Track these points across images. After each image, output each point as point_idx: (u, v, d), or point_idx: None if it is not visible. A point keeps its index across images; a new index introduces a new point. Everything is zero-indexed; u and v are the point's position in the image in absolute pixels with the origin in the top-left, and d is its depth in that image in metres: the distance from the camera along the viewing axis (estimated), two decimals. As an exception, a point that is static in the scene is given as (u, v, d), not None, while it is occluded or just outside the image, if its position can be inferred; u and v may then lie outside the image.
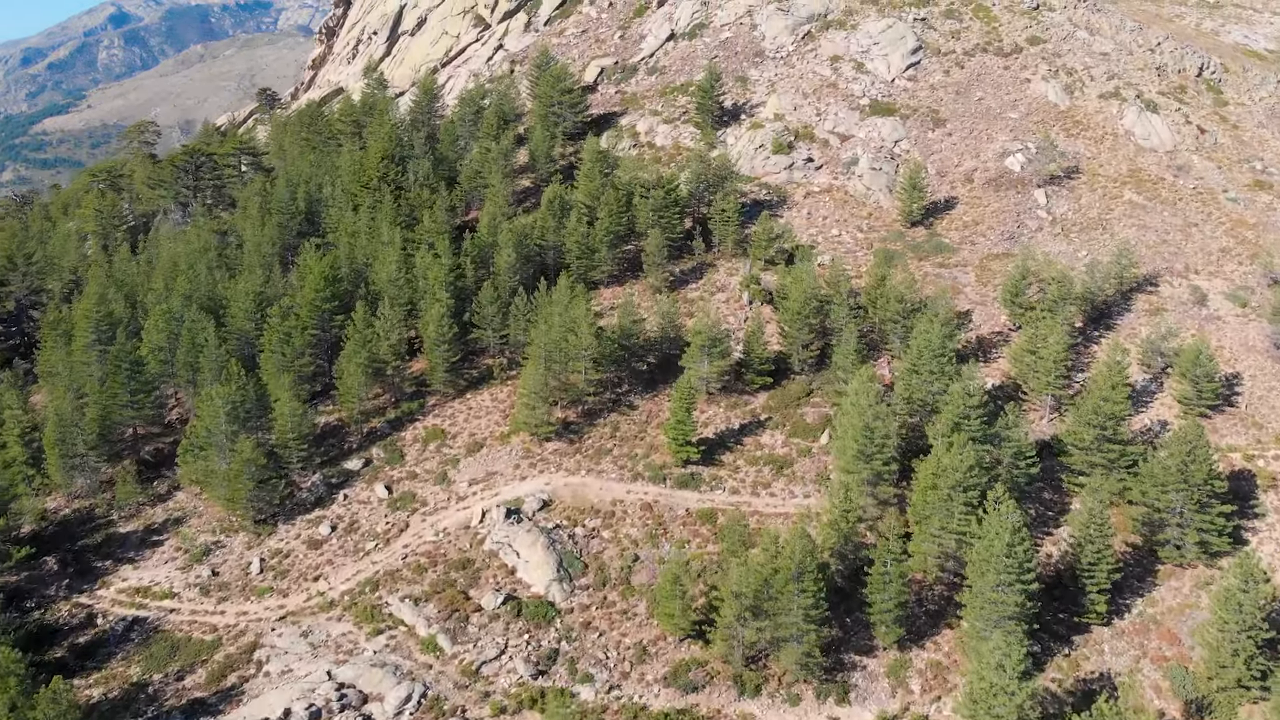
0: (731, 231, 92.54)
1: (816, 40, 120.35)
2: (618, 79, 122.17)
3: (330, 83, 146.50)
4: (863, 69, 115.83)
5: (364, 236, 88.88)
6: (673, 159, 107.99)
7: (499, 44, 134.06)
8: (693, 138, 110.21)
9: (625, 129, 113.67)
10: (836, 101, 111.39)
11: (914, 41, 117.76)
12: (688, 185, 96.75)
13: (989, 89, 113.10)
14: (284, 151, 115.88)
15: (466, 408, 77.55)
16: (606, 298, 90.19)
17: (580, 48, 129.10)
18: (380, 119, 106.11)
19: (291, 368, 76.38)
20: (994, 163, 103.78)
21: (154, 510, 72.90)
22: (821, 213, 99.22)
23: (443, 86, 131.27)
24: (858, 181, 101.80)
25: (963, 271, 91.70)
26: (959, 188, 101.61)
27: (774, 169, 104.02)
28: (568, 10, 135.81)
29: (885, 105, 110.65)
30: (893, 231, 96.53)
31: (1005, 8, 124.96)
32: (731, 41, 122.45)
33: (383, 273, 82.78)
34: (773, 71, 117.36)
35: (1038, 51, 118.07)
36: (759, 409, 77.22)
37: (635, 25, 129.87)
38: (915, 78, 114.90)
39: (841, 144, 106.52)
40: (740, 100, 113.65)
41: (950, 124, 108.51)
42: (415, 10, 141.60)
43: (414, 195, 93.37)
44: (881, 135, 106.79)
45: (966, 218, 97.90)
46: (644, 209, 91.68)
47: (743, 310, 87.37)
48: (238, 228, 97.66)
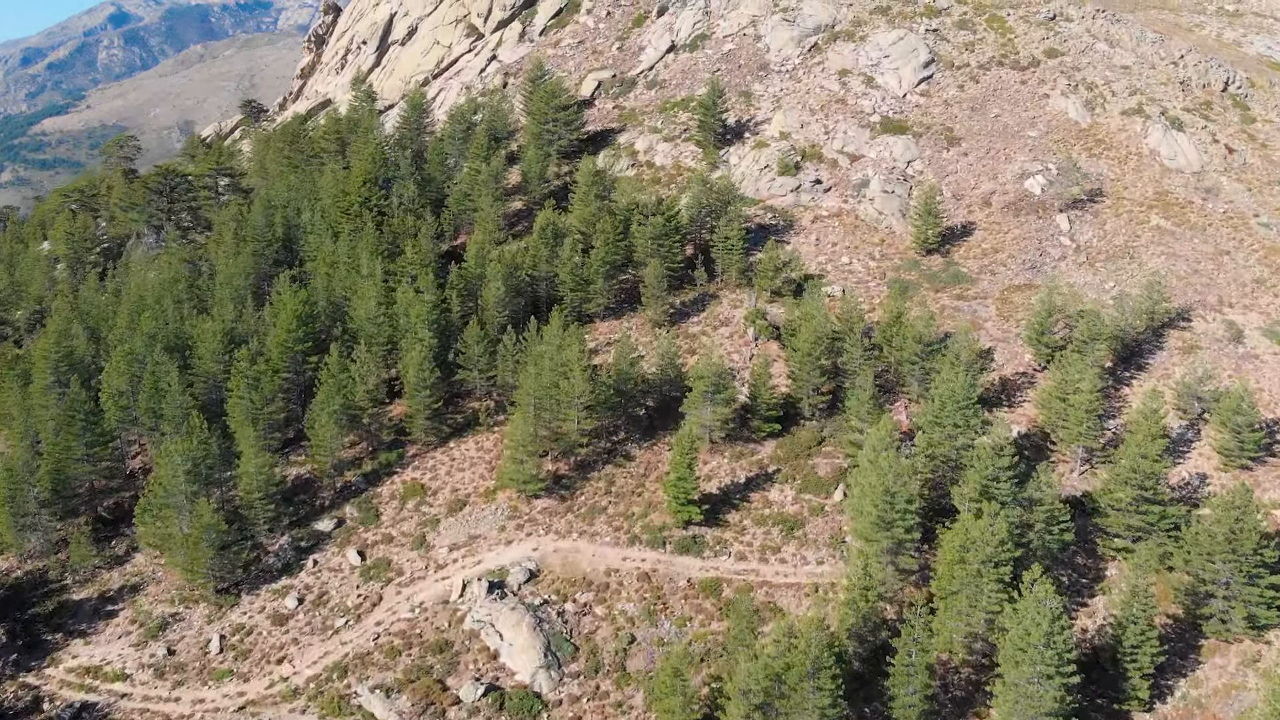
0: (736, 260, 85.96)
1: (824, 53, 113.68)
2: (616, 93, 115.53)
3: (318, 93, 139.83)
4: (872, 83, 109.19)
5: (343, 268, 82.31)
6: (673, 180, 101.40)
7: (492, 55, 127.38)
8: (694, 157, 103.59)
9: (623, 147, 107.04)
10: (845, 118, 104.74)
11: (926, 54, 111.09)
12: (689, 211, 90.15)
13: (1006, 105, 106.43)
14: (265, 170, 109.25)
15: (449, 458, 70.99)
16: (602, 331, 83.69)
17: (577, 59, 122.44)
18: (365, 138, 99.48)
19: (260, 415, 69.90)
20: (1013, 185, 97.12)
21: (110, 575, 66.41)
22: (831, 239, 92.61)
23: (433, 100, 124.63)
24: (869, 205, 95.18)
25: (982, 304, 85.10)
26: (976, 212, 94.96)
27: (780, 191, 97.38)
28: (564, 20, 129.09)
29: (897, 122, 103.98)
30: (907, 260, 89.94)
31: (1021, 18, 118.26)
32: (734, 54, 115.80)
33: (361, 309, 76.21)
34: (778, 86, 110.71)
35: (1056, 65, 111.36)
36: (766, 459, 70.70)
37: (634, 36, 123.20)
38: (928, 93, 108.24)
39: (851, 164, 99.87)
40: (744, 117, 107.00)
41: (966, 143, 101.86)
42: (406, 19, 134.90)
43: (397, 222, 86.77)
44: (893, 155, 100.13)
45: (985, 245, 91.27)
46: (642, 236, 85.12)
47: (748, 347, 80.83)
48: (211, 256, 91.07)
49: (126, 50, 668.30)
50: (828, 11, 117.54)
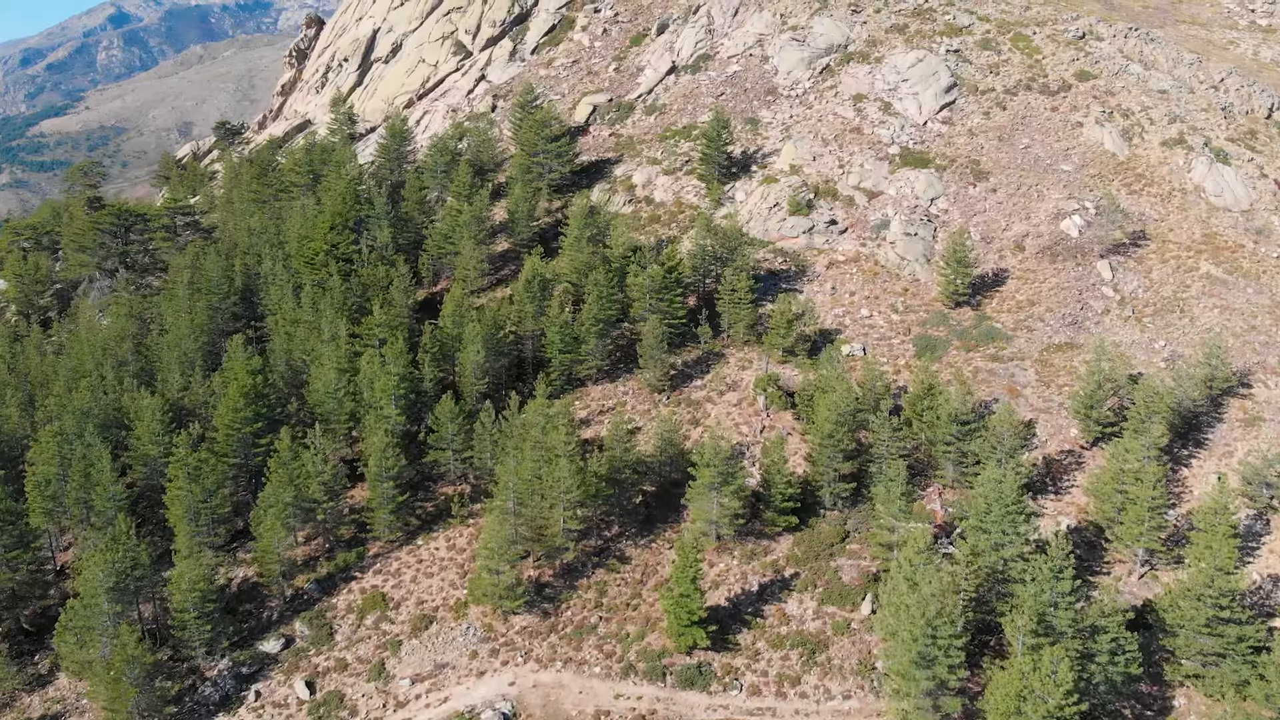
0: (744, 315, 76.05)
1: (836, 75, 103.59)
2: (612, 119, 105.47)
3: (298, 113, 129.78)
4: (890, 110, 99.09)
5: (305, 328, 72.43)
6: (674, 218, 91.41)
7: (481, 74, 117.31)
8: (697, 192, 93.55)
9: (619, 181, 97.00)
10: (861, 150, 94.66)
11: (948, 77, 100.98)
12: (691, 259, 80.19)
13: (1036, 135, 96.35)
14: (232, 205, 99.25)
15: (416, 559, 61.11)
16: (595, 397, 73.86)
17: (570, 81, 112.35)
18: (336, 172, 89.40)
19: (203, 509, 60.08)
20: (1048, 226, 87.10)
21: (30, 700, 56.64)
22: (848, 287, 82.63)
23: (417, 123, 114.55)
24: (889, 249, 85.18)
25: (1020, 367, 75.16)
26: (1009, 257, 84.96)
27: (791, 233, 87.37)
28: (557, 37, 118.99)
29: (918, 154, 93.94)
30: (934, 313, 79.98)
31: (1048, 37, 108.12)
32: (740, 76, 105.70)
33: (320, 381, 66.36)
34: (787, 112, 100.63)
35: (1088, 89, 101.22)
36: (782, 559, 60.84)
37: (632, 56, 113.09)
38: (951, 120, 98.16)
39: (869, 202, 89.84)
40: (750, 148, 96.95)
41: (994, 177, 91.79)
42: (390, 35, 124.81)
43: (367, 273, 76.82)
44: (915, 192, 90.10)
45: (1020, 296, 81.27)
46: (639, 288, 75.22)
47: (758, 418, 70.98)
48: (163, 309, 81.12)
49: (126, 51, 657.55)
50: (839, 30, 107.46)
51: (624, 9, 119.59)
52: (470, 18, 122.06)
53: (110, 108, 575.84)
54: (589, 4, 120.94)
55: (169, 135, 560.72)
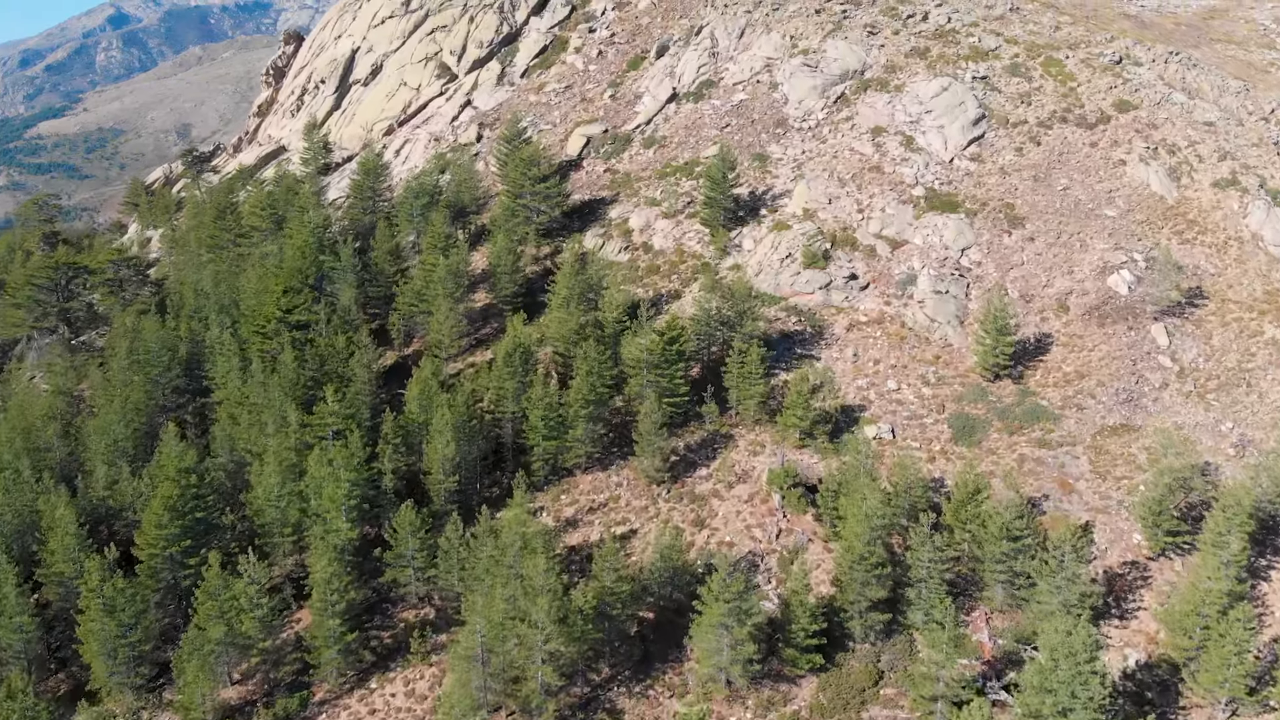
0: (756, 390, 65.56)
1: (852, 105, 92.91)
2: (607, 152, 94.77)
3: (271, 139, 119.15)
4: (913, 145, 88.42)
5: (252, 412, 61.91)
6: (675, 269, 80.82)
7: (467, 99, 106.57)
8: (700, 239, 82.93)
9: (615, 224, 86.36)
10: (883, 191, 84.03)
11: (975, 108, 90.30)
12: (695, 324, 69.64)
13: (1075, 174, 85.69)
14: (189, 250, 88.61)
15: (368, 709, 50.60)
16: (584, 489, 63.33)
17: (563, 109, 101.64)
18: (299, 219, 78.73)
19: (121, 646, 49.67)
20: (1093, 282, 76.53)
21: None
22: (872, 354, 72.07)
23: (396, 154, 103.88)
24: (917, 309, 74.62)
25: (1071, 454, 64.65)
26: (1052, 319, 74.39)
27: (806, 288, 76.78)
28: (549, 59, 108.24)
29: (945, 197, 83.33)
30: (970, 386, 69.46)
31: (1082, 62, 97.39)
32: (747, 106, 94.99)
33: (261, 487, 55.85)
34: (799, 147, 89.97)
35: (1129, 122, 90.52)
36: (805, 710, 50.39)
37: (629, 81, 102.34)
38: (980, 157, 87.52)
39: (893, 253, 79.25)
40: (759, 187, 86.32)
41: (1031, 224, 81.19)
42: (370, 55, 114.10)
43: (324, 345, 66.23)
44: (944, 241, 79.51)
45: (1067, 366, 70.73)
46: (635, 360, 64.73)
47: (773, 516, 60.51)
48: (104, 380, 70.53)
49: (125, 52, 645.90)
50: (855, 55, 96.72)
51: (621, 29, 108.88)
52: (455, 37, 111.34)
53: (108, 109, 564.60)
54: (583, 23, 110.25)
55: (167, 137, 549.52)
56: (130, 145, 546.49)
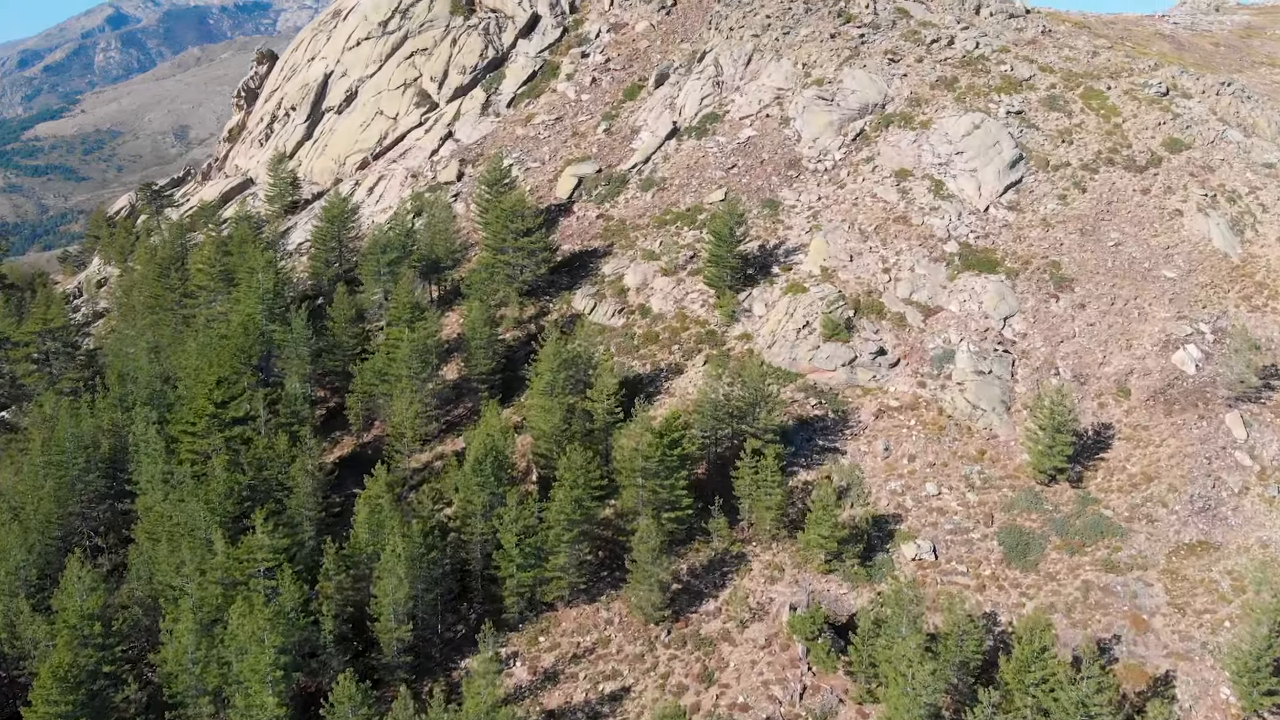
0: (772, 501, 54.44)
1: (873, 143, 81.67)
2: (601, 195, 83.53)
3: (239, 169, 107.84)
4: (943, 191, 77.24)
5: (171, 535, 50.80)
6: (676, 337, 69.64)
7: (447, 131, 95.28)
8: (704, 301, 71.77)
9: (608, 281, 75.17)
10: (911, 246, 72.87)
11: (1012, 148, 79.08)
12: (700, 415, 58.55)
13: (1127, 227, 74.55)
14: (133, 310, 77.42)
15: None
16: (566, 629, 52.22)
17: (552, 144, 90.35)
18: (248, 286, 67.49)
19: None
20: (1156, 359, 65.42)
21: None
22: (906, 448, 60.94)
23: (370, 192, 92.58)
24: (956, 393, 63.48)
25: (1143, 580, 53.60)
26: (1111, 405, 63.28)
27: (827, 365, 65.64)
28: (537, 87, 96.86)
29: (982, 254, 72.21)
30: (1021, 490, 58.36)
31: (1125, 93, 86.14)
32: (755, 144, 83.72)
33: (171, 647, 44.73)
34: (814, 192, 78.78)
35: (1182, 164, 79.32)
36: None
37: (625, 113, 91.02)
38: (1019, 205, 76.35)
39: (925, 322, 68.11)
40: (770, 240, 75.15)
41: (1081, 287, 70.04)
42: (343, 81, 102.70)
43: (263, 447, 55.07)
44: (983, 308, 68.37)
45: (1133, 466, 59.61)
46: (629, 470, 53.64)
47: (795, 668, 49.51)
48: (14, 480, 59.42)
49: (124, 53, 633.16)
50: (875, 86, 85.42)
51: (616, 54, 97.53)
52: (436, 62, 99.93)
53: (106, 111, 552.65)
54: (575, 47, 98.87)
55: (165, 139, 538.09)
56: (128, 147, 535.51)
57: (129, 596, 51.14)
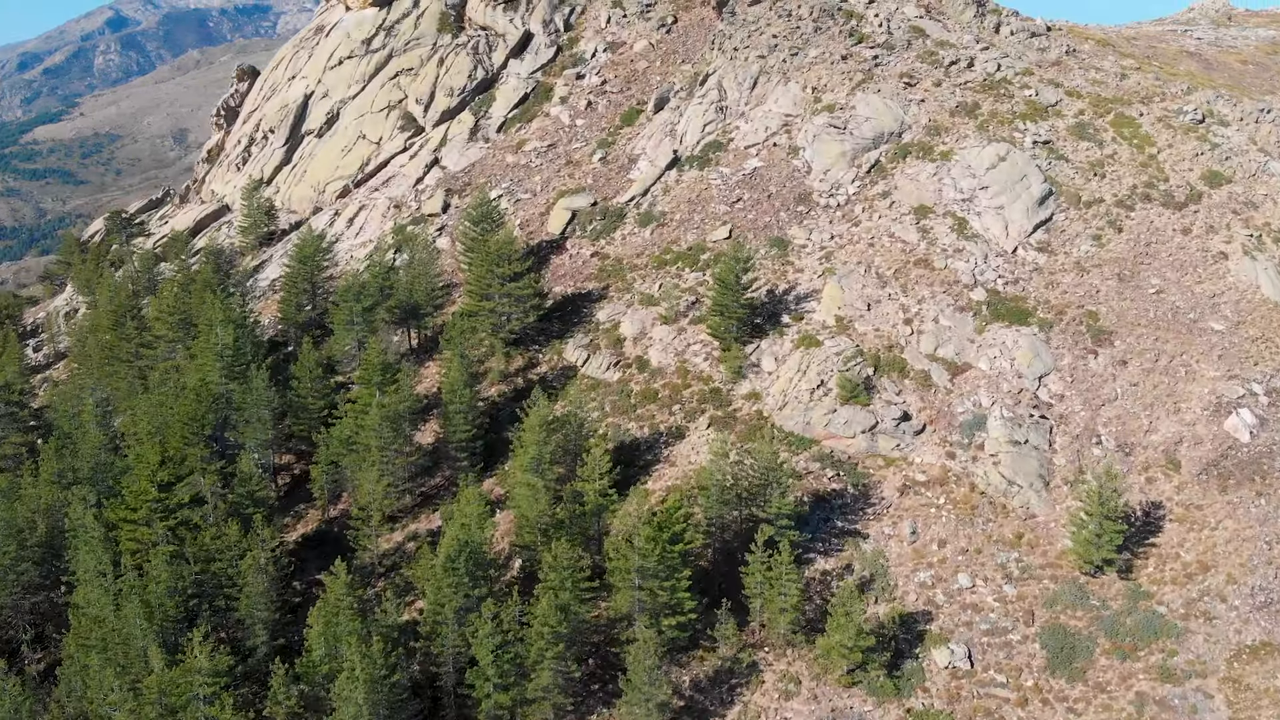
0: (788, 604, 47.41)
1: (890, 176, 74.64)
2: (595, 230, 76.52)
3: (214, 195, 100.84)
4: (966, 230, 70.24)
5: (105, 648, 43.86)
6: (677, 395, 62.61)
7: (433, 157, 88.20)
8: (708, 354, 64.73)
9: (603, 329, 68.16)
10: (934, 294, 65.86)
11: (1040, 183, 72.11)
12: (706, 501, 51.61)
13: (1168, 271, 67.56)
14: (89, 360, 70.45)
15: None
16: (556, 746, 45.37)
17: (544, 173, 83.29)
18: (205, 341, 60.48)
19: None
20: (1207, 425, 58.41)
21: None
22: (936, 531, 53.94)
23: (350, 224, 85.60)
24: (989, 466, 56.47)
25: (1203, 691, 46.65)
26: (1160, 480, 56.27)
27: (845, 430, 58.57)
28: (530, 111, 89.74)
29: (1013, 302, 65.19)
30: (1065, 581, 51.35)
31: (1158, 120, 79.11)
32: (762, 175, 76.70)
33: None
34: (827, 230, 71.78)
35: (1224, 200, 72.39)
36: None
37: (623, 140, 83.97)
38: (1050, 246, 69.36)
39: (953, 382, 61.06)
40: (779, 284, 68.15)
41: (1121, 340, 63.02)
42: (324, 102, 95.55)
43: (209, 537, 48.11)
44: (1015, 365, 61.34)
45: (1186, 554, 52.61)
46: (622, 567, 46.66)
47: (812, 803, 42.60)
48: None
49: (124, 55, 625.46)
50: (890, 112, 78.38)
51: (613, 75, 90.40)
52: (423, 83, 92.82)
53: (105, 114, 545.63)
54: (570, 67, 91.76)
55: (164, 142, 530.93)
56: (127, 150, 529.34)
57: (59, 713, 44.20)
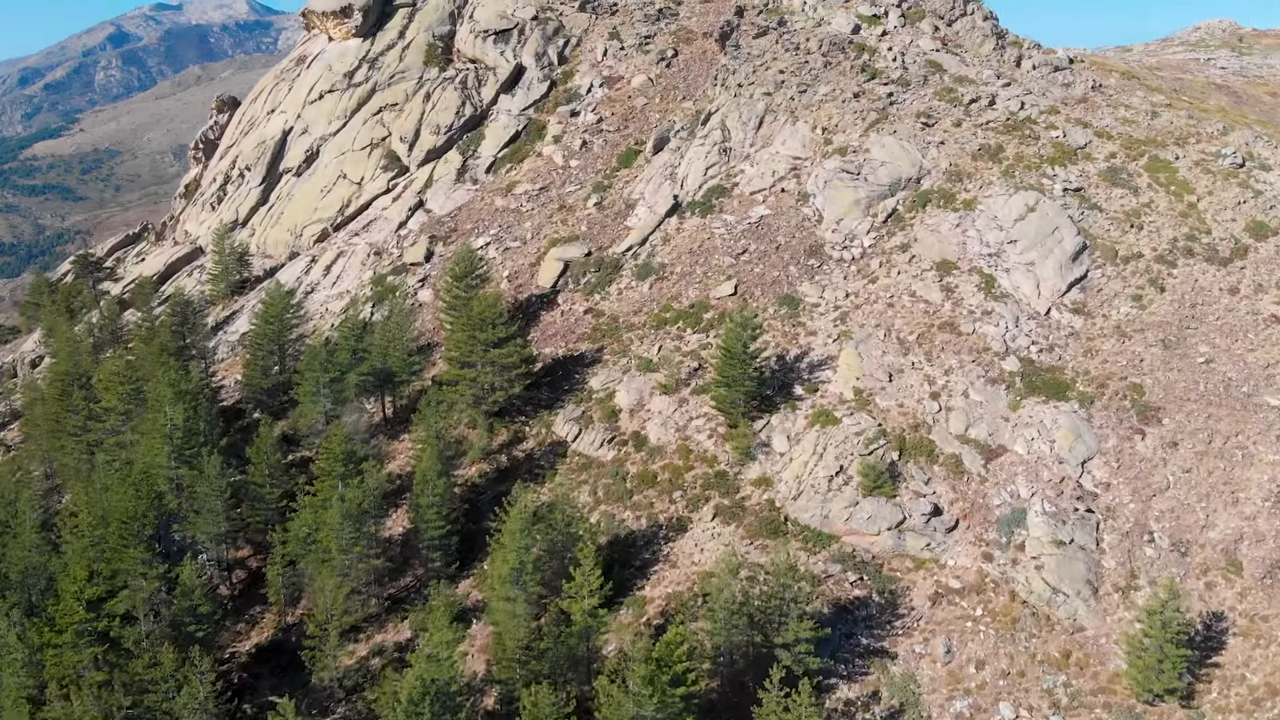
0: (803, 738, 40.37)
1: (908, 227, 67.78)
2: (590, 284, 69.58)
3: (188, 236, 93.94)
4: (994, 289, 63.31)
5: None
6: (678, 479, 55.51)
7: (418, 199, 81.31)
8: (712, 430, 57.66)
9: (597, 398, 61.13)
10: (962, 363, 58.87)
11: (1074, 236, 65.26)
12: (714, 625, 44.51)
13: (1217, 337, 60.60)
14: (36, 427, 63.41)
15: None
16: None
17: (536, 218, 76.38)
18: (154, 420, 53.44)
19: None
20: (1268, 519, 51.35)
21: None
22: (973, 649, 46.84)
23: (326, 272, 78.68)
24: (1030, 571, 49.34)
25: None
26: (1220, 585, 49.20)
27: (868, 527, 51.45)
28: (521, 150, 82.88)
29: (1048, 373, 58.18)
30: (1120, 711, 44.18)
31: (1196, 164, 72.28)
32: (769, 225, 69.83)
33: None
34: (841, 287, 64.85)
35: (1271, 254, 65.52)
36: None
37: (619, 184, 77.12)
38: (1086, 308, 62.43)
39: (987, 468, 53.99)
40: (790, 349, 61.13)
41: (1170, 418, 56.03)
42: (304, 138, 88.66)
43: (142, 665, 41.01)
44: (1056, 448, 54.25)
45: (1253, 675, 45.52)
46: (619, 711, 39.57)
47: None
48: None
49: (124, 71, 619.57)
50: (908, 156, 71.55)
51: (610, 113, 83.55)
52: (408, 120, 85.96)
53: (105, 130, 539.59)
54: (564, 104, 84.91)
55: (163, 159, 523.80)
56: (126, 166, 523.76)
57: None
